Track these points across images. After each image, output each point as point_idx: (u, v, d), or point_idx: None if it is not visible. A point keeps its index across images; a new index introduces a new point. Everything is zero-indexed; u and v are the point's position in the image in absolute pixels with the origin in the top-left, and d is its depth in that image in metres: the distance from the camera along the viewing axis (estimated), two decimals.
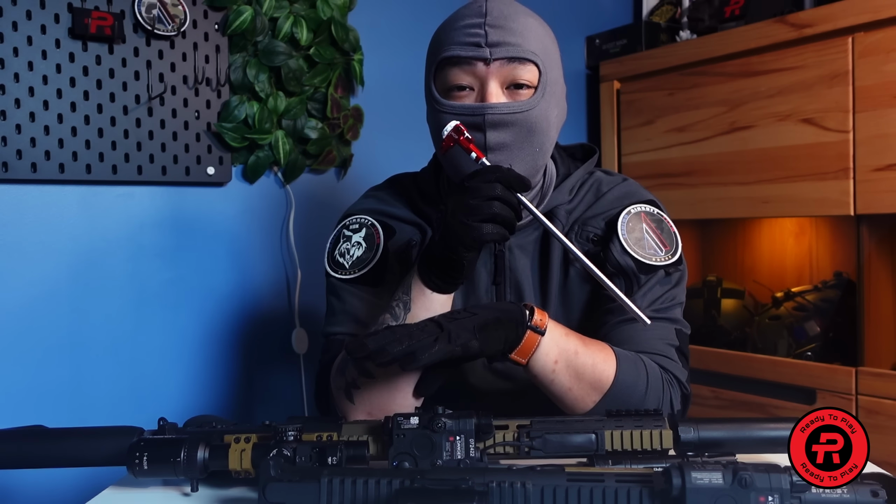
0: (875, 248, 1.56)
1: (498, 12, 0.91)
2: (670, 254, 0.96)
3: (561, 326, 0.85)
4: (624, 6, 2.28)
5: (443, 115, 0.91)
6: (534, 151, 0.92)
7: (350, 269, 0.99)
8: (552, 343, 0.82)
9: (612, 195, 1.01)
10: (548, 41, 0.94)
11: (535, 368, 0.83)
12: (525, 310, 0.82)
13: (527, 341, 0.81)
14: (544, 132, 0.92)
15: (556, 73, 0.94)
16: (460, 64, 0.90)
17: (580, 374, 0.84)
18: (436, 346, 0.73)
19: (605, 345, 0.88)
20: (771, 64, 1.66)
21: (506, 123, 0.89)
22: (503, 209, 0.80)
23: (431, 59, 0.95)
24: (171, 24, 1.40)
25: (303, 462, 0.70)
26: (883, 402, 1.48)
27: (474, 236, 0.79)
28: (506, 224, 0.81)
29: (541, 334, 0.81)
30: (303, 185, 1.63)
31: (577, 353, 0.84)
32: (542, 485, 0.59)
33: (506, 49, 0.89)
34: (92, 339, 1.38)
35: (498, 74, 0.90)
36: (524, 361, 0.82)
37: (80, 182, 1.35)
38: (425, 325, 0.76)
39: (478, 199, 0.79)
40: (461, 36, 0.90)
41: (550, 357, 0.83)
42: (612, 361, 0.86)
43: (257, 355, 1.61)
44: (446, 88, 0.92)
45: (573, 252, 0.83)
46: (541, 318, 0.82)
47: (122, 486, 0.80)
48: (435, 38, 0.96)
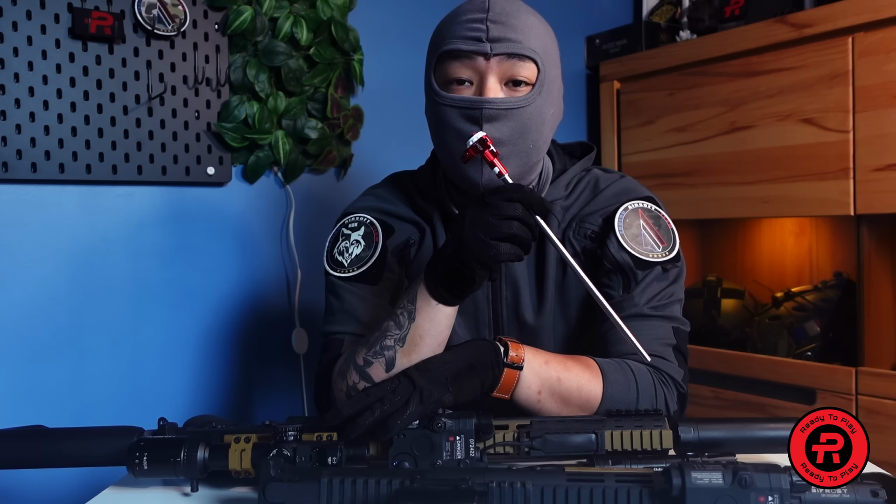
0: (875, 248, 1.56)
1: (500, 8, 0.91)
2: (667, 250, 0.96)
3: (540, 354, 0.85)
4: (624, 6, 2.28)
5: (441, 108, 0.92)
6: (527, 148, 0.92)
7: (349, 267, 0.99)
8: (532, 375, 0.83)
9: (610, 192, 1.01)
10: (548, 40, 0.94)
11: (520, 401, 0.84)
12: (499, 346, 0.82)
13: (506, 379, 0.81)
14: (538, 130, 0.92)
15: (555, 73, 0.95)
16: (460, 58, 0.91)
17: (566, 400, 0.85)
18: (407, 411, 0.73)
19: (588, 361, 0.88)
20: (771, 64, 1.66)
21: (502, 118, 0.89)
22: (521, 230, 0.79)
23: (432, 51, 0.95)
24: (171, 24, 1.40)
25: (303, 462, 0.70)
26: (883, 402, 1.48)
27: (491, 254, 0.78)
28: (522, 245, 0.80)
29: (519, 369, 0.82)
30: (303, 185, 1.63)
31: (559, 380, 0.84)
32: (542, 485, 0.59)
33: (506, 45, 0.89)
34: (92, 339, 1.38)
35: (497, 70, 0.90)
36: (507, 397, 0.83)
37: (80, 182, 1.35)
38: (398, 385, 0.76)
39: (497, 216, 0.78)
40: (463, 30, 0.91)
41: (533, 389, 0.83)
42: (597, 379, 0.86)
43: (257, 355, 1.61)
44: (446, 81, 0.93)
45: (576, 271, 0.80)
46: (516, 352, 0.82)
47: (122, 486, 0.80)
48: (437, 31, 0.96)
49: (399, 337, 0.84)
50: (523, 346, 0.84)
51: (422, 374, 0.77)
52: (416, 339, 0.84)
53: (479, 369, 0.80)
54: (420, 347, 0.84)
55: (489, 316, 1.00)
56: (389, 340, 0.85)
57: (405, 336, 0.84)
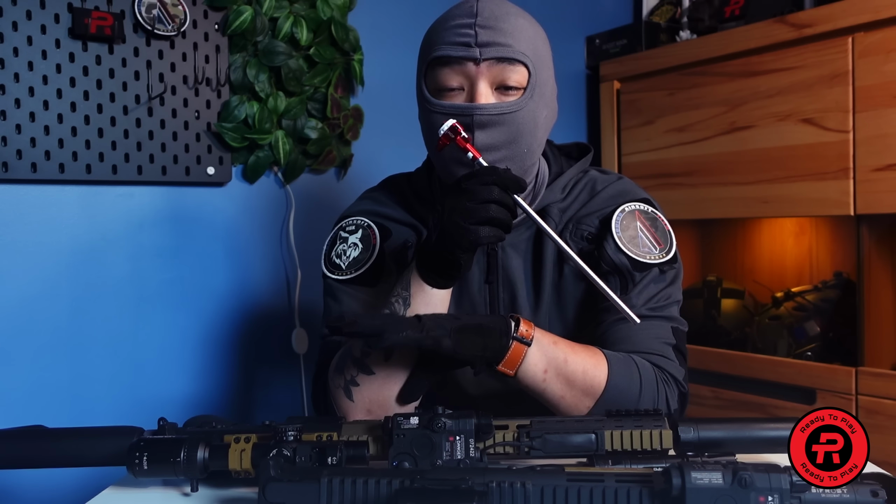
0: (875, 248, 1.56)
1: (489, 13, 0.90)
2: (664, 252, 0.96)
3: (549, 335, 0.86)
4: (624, 6, 2.28)
5: (433, 115, 0.91)
6: (521, 152, 0.92)
7: (346, 269, 1.00)
8: (540, 353, 0.83)
9: (607, 193, 1.01)
10: (539, 42, 0.93)
11: (525, 379, 0.83)
12: (511, 321, 0.82)
13: (513, 352, 0.81)
14: (532, 133, 0.92)
15: (547, 74, 0.94)
16: (450, 64, 0.90)
17: (571, 382, 0.84)
18: (405, 332, 0.75)
19: (594, 349, 0.88)
20: (771, 64, 1.66)
21: (494, 124, 0.89)
22: (499, 212, 0.80)
23: (422, 58, 0.95)
24: (171, 24, 1.40)
25: (303, 462, 0.70)
26: (883, 402, 1.48)
27: (471, 238, 0.80)
28: (502, 226, 0.81)
29: (527, 345, 0.82)
30: (303, 185, 1.63)
31: (566, 361, 0.84)
32: (542, 485, 0.59)
33: (496, 49, 0.89)
34: (92, 339, 1.38)
35: (487, 75, 0.90)
36: (512, 372, 0.83)
37: (80, 182, 1.35)
38: (405, 318, 0.79)
39: (474, 201, 0.80)
40: (451, 36, 0.90)
41: (539, 367, 0.83)
42: (602, 366, 0.86)
43: (257, 355, 1.61)
44: (437, 88, 0.92)
45: (565, 251, 0.82)
46: (527, 328, 0.82)
47: (122, 486, 0.80)
48: (426, 37, 0.96)
49: None
50: (534, 326, 0.84)
51: (431, 318, 0.79)
52: None
53: (487, 332, 0.80)
54: None
55: None
56: None
57: None
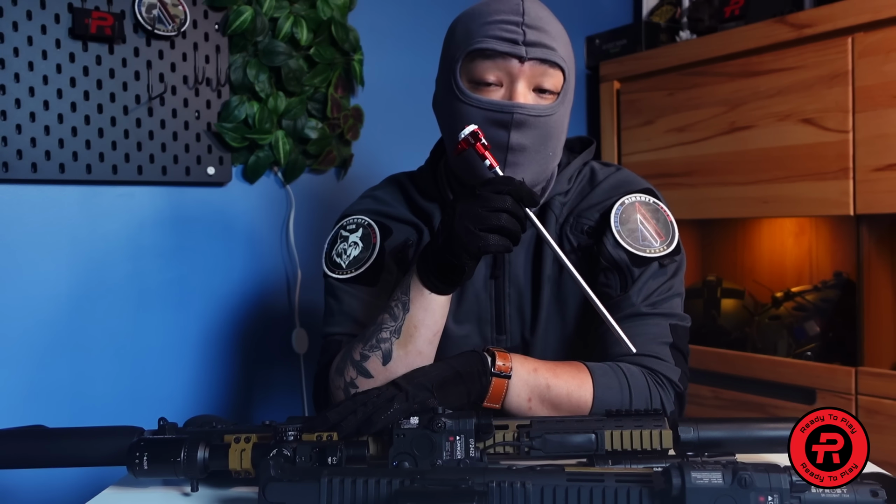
0: (875, 248, 1.56)
1: (535, 14, 0.91)
2: (665, 244, 0.95)
3: (528, 362, 0.86)
4: (624, 6, 2.28)
5: (465, 107, 0.91)
6: (547, 155, 0.93)
7: (347, 268, 1.00)
8: (521, 384, 0.84)
9: (606, 185, 1.01)
10: (571, 49, 0.95)
11: (512, 410, 0.85)
12: (486, 356, 0.83)
13: (494, 389, 0.82)
14: (558, 138, 0.94)
15: (573, 81, 0.96)
16: (493, 57, 0.90)
17: (557, 406, 0.85)
18: (392, 407, 0.74)
19: (578, 366, 0.88)
20: (771, 64, 1.66)
21: (530, 125, 0.90)
22: (510, 222, 0.80)
23: (459, 48, 0.93)
24: (172, 25, 1.40)
25: (303, 462, 0.70)
26: (883, 402, 1.48)
27: (479, 245, 0.79)
28: (511, 237, 0.81)
29: (507, 378, 0.83)
30: (303, 185, 1.63)
31: (548, 387, 0.85)
32: (542, 485, 0.59)
33: (541, 51, 0.89)
34: (92, 339, 1.38)
35: (529, 74, 0.90)
36: (499, 406, 0.84)
37: (81, 182, 1.35)
38: (383, 390, 0.77)
39: (487, 208, 0.79)
40: (496, 30, 0.90)
41: (523, 397, 0.84)
42: (587, 385, 0.86)
43: (257, 355, 1.61)
44: (473, 81, 0.91)
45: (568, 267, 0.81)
46: (503, 361, 0.83)
47: (122, 486, 0.80)
48: (462, 28, 0.94)
49: (395, 328, 0.85)
50: (511, 356, 0.85)
51: (407, 381, 0.79)
52: (412, 330, 0.85)
53: (466, 378, 0.81)
54: (416, 338, 0.85)
55: (492, 314, 1.00)
56: (385, 333, 0.86)
57: (400, 327, 0.85)
